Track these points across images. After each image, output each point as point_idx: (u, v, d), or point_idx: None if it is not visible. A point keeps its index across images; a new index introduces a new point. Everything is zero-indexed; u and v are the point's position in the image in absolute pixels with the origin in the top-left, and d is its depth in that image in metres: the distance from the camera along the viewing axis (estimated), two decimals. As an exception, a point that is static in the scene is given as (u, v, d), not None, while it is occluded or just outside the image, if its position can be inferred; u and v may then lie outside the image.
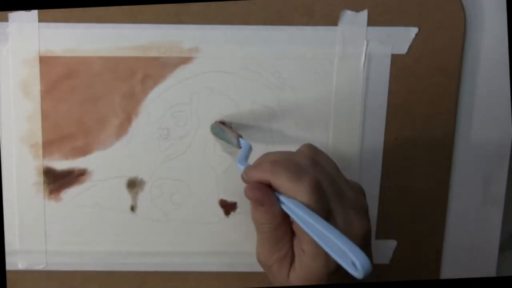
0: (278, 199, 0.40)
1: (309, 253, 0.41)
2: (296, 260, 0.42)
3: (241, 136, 0.46)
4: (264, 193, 0.41)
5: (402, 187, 0.51)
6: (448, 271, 0.53)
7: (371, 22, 0.48)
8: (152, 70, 0.48)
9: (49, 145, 0.49)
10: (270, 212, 0.41)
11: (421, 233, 0.52)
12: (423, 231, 0.52)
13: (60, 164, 0.49)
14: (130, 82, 0.48)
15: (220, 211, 0.51)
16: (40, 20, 0.47)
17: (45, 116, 0.49)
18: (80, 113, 0.49)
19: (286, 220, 0.41)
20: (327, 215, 0.40)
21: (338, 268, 0.39)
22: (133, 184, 0.50)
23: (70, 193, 0.50)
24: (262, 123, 0.49)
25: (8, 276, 0.50)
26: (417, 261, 0.52)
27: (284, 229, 0.42)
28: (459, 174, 0.51)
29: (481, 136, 0.51)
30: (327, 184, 0.41)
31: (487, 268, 0.53)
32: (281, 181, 0.41)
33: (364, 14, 0.48)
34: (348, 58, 0.49)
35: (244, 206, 0.51)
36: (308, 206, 0.39)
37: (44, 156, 0.49)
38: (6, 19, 0.47)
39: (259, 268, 0.51)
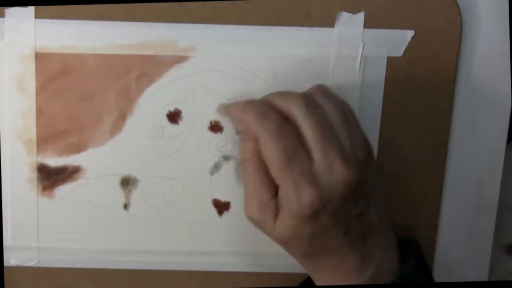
0: None
1: (283, 197, 0.41)
2: (280, 208, 0.42)
3: None
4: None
5: (396, 189, 0.51)
6: (440, 275, 0.53)
7: (367, 24, 0.48)
8: (147, 68, 0.48)
9: (43, 141, 0.49)
10: (251, 146, 0.42)
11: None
12: (416, 234, 0.52)
13: (54, 161, 0.49)
14: (125, 80, 0.48)
15: (213, 210, 0.51)
16: (36, 17, 0.47)
17: (39, 113, 0.49)
18: (75, 110, 0.49)
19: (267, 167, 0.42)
20: (299, 155, 0.41)
21: (316, 211, 0.40)
22: (127, 182, 0.50)
23: (63, 190, 0.50)
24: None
25: None
26: (409, 264, 0.52)
27: (266, 174, 0.42)
28: (452, 178, 0.51)
29: (476, 141, 0.51)
30: (312, 126, 0.41)
31: (480, 272, 0.53)
32: (247, 121, 0.42)
33: (360, 16, 0.48)
34: (344, 60, 0.49)
35: (238, 206, 0.50)
36: (269, 146, 0.41)
37: (38, 152, 0.49)
38: (2, 15, 0.47)
39: (251, 268, 0.52)
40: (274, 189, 0.43)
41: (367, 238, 0.44)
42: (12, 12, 0.47)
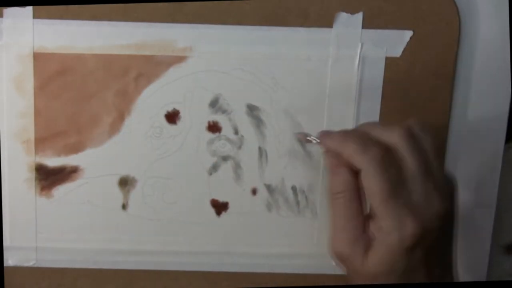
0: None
1: (384, 229, 0.41)
2: (372, 242, 0.42)
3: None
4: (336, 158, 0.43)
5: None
6: (438, 275, 0.53)
7: (365, 24, 0.48)
8: (145, 68, 0.48)
9: (41, 141, 0.49)
10: (343, 178, 0.42)
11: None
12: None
13: (52, 161, 0.49)
14: (124, 80, 0.48)
15: (212, 211, 0.51)
16: (34, 17, 0.47)
17: (38, 113, 0.49)
18: (73, 110, 0.49)
19: (359, 198, 0.42)
20: (401, 186, 0.41)
21: (415, 244, 0.40)
22: (125, 182, 0.50)
23: (61, 190, 0.50)
24: (255, 123, 0.49)
25: (-2, 272, 0.51)
26: (407, 264, 0.52)
27: (358, 206, 0.42)
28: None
29: (474, 141, 0.51)
30: (415, 159, 0.41)
31: (478, 272, 0.53)
32: (348, 152, 0.42)
33: (359, 17, 0.48)
34: (342, 60, 0.49)
35: (236, 207, 0.51)
36: (373, 177, 0.40)
37: (36, 152, 0.49)
38: (0, 15, 0.47)
39: (249, 269, 0.52)
40: (364, 223, 0.42)
41: (445, 276, 0.44)
42: (10, 12, 0.47)
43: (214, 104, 0.49)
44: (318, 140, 0.44)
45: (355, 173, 0.42)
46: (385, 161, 0.41)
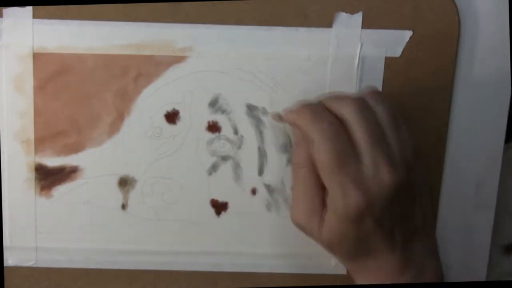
0: None
1: (332, 199, 0.42)
2: (326, 213, 0.43)
3: None
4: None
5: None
6: (438, 275, 0.53)
7: (365, 24, 0.48)
8: (145, 68, 0.48)
9: (41, 141, 0.49)
10: (305, 151, 0.43)
11: (411, 237, 0.52)
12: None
13: (52, 161, 0.49)
14: (123, 80, 0.48)
15: (211, 211, 0.51)
16: (34, 17, 0.47)
17: (37, 113, 0.49)
18: (73, 110, 0.49)
19: (318, 173, 0.43)
20: (349, 158, 0.41)
21: (362, 214, 0.41)
22: (125, 182, 0.50)
23: (61, 190, 0.50)
24: (254, 123, 0.49)
25: (-3, 272, 0.51)
26: (407, 264, 0.52)
27: (317, 180, 0.43)
28: (450, 178, 0.51)
29: (474, 141, 0.51)
30: (364, 130, 0.42)
31: (477, 272, 0.53)
32: (302, 123, 0.43)
33: (358, 17, 0.48)
34: (342, 60, 0.49)
35: (236, 207, 0.50)
36: (322, 149, 0.41)
37: (36, 152, 0.49)
38: (0, 15, 0.47)
39: (249, 269, 0.52)
40: (323, 195, 0.43)
41: (411, 240, 0.44)
42: (10, 12, 0.47)
43: (214, 104, 0.49)
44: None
45: None
46: (335, 133, 0.42)
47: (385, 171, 0.41)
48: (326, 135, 0.42)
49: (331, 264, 0.52)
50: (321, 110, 0.43)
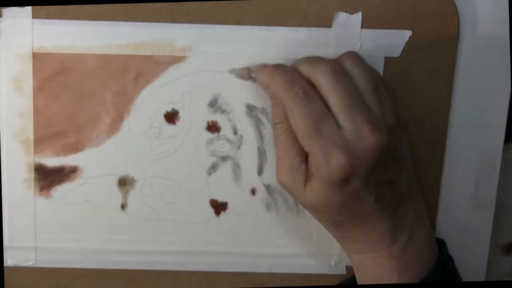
0: None
1: (314, 164, 0.42)
2: (309, 175, 0.43)
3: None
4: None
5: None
6: (437, 275, 0.53)
7: (364, 24, 0.48)
8: (145, 68, 0.48)
9: (40, 141, 0.49)
10: (282, 109, 0.43)
11: (411, 236, 0.52)
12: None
13: (51, 161, 0.49)
14: (123, 80, 0.48)
15: (211, 211, 0.51)
16: (33, 17, 0.47)
17: (37, 113, 0.49)
18: (72, 110, 0.49)
19: None
20: (327, 122, 0.41)
21: (346, 177, 0.40)
22: (124, 182, 0.50)
23: (60, 190, 0.50)
24: (254, 123, 0.49)
25: (-3, 272, 0.51)
26: (407, 264, 0.52)
27: (296, 138, 0.43)
28: (450, 178, 0.51)
29: (473, 141, 0.51)
30: (338, 93, 0.41)
31: (477, 272, 0.53)
32: (274, 88, 0.43)
33: (358, 17, 0.48)
34: (341, 60, 0.49)
35: (235, 207, 0.50)
36: (296, 114, 0.41)
37: (35, 152, 0.49)
38: (-1, 15, 0.47)
39: (248, 269, 0.52)
40: (305, 155, 0.43)
41: (398, 205, 0.44)
42: (9, 12, 0.47)
43: (213, 104, 0.49)
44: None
45: None
46: (308, 96, 0.41)
47: (367, 133, 0.41)
48: (299, 100, 0.41)
49: (330, 264, 0.52)
50: (293, 74, 0.43)
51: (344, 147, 0.40)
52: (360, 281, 0.46)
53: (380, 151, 0.41)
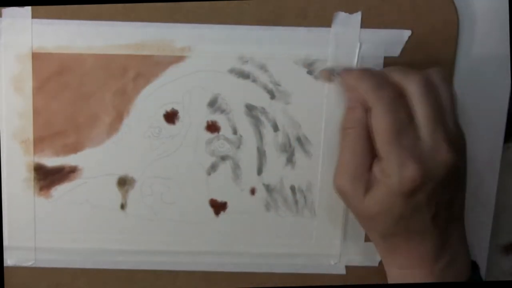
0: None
1: (386, 170, 0.41)
2: (374, 182, 0.42)
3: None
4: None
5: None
6: (437, 275, 0.53)
7: (364, 24, 0.48)
8: (144, 68, 0.48)
9: (40, 141, 0.49)
10: (356, 114, 0.43)
11: (410, 236, 0.52)
12: (412, 234, 0.52)
13: (51, 161, 0.49)
14: (122, 80, 0.48)
15: (210, 210, 0.51)
16: (33, 17, 0.47)
17: (36, 113, 0.49)
18: (72, 110, 0.49)
19: (369, 137, 0.43)
20: (408, 130, 0.41)
21: (415, 189, 0.40)
22: (124, 182, 0.50)
23: (60, 190, 0.50)
24: (253, 123, 0.49)
25: (-4, 272, 0.51)
26: (406, 264, 0.52)
27: (366, 144, 0.43)
28: (449, 178, 0.51)
29: (473, 141, 0.51)
30: (426, 106, 0.41)
31: (476, 272, 0.53)
32: (362, 88, 0.43)
33: (357, 16, 0.48)
34: (341, 60, 0.49)
35: (234, 207, 0.50)
36: (381, 116, 0.41)
37: (35, 152, 0.49)
38: (-1, 15, 0.47)
39: (248, 269, 0.52)
40: (370, 162, 0.43)
41: (448, 226, 0.44)
42: (9, 12, 0.47)
43: (213, 104, 0.49)
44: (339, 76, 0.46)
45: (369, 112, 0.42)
46: (396, 103, 0.41)
47: (444, 149, 0.41)
48: (387, 103, 0.41)
49: (330, 264, 0.52)
50: (383, 78, 0.43)
51: (420, 159, 0.41)
52: None
53: (451, 171, 0.42)
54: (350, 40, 0.48)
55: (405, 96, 0.42)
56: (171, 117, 0.49)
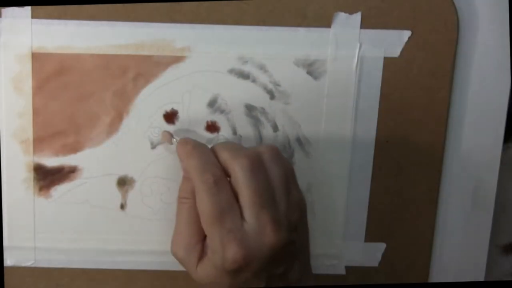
0: None
1: (210, 248, 0.42)
2: (204, 255, 0.43)
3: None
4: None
5: (392, 190, 0.51)
6: (436, 275, 0.53)
7: (364, 24, 0.48)
8: (144, 68, 0.48)
9: (39, 141, 0.49)
10: (191, 186, 0.43)
11: (410, 236, 0.52)
12: (412, 234, 0.52)
13: (51, 161, 0.49)
14: (122, 80, 0.48)
15: (210, 210, 0.51)
16: (33, 17, 0.47)
17: (36, 113, 0.48)
18: (72, 110, 0.49)
19: None
20: (231, 213, 0.41)
21: (238, 268, 0.41)
22: (123, 182, 0.50)
23: (60, 190, 0.50)
24: (253, 123, 0.49)
25: (-4, 272, 0.51)
26: (406, 264, 0.52)
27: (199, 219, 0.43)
28: (449, 178, 0.51)
29: (472, 141, 0.51)
30: (251, 190, 0.41)
31: (476, 272, 0.53)
32: (189, 167, 0.43)
33: (357, 17, 0.48)
34: (341, 60, 0.49)
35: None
36: (202, 199, 0.42)
37: (34, 152, 0.49)
38: (-1, 15, 0.47)
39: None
40: (203, 235, 0.43)
41: None
42: (9, 12, 0.47)
43: (213, 104, 0.49)
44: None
45: None
46: (218, 185, 0.42)
47: (269, 232, 0.41)
48: (209, 187, 0.41)
49: (330, 264, 0.52)
50: (209, 158, 0.43)
51: (243, 241, 0.41)
52: None
53: (278, 249, 0.41)
54: (349, 41, 0.48)
55: (225, 178, 0.42)
56: (170, 117, 0.49)
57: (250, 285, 0.42)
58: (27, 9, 0.47)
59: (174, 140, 0.47)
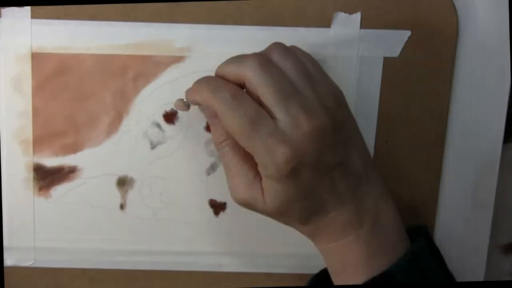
0: None
1: (260, 164, 0.41)
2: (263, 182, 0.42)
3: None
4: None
5: (392, 190, 0.51)
6: (436, 275, 0.53)
7: (363, 24, 0.48)
8: (144, 68, 0.48)
9: (39, 141, 0.49)
10: (223, 126, 0.42)
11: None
12: (412, 234, 0.52)
13: (50, 161, 0.49)
14: (122, 80, 0.48)
15: (210, 211, 0.51)
16: (32, 17, 0.47)
17: (36, 113, 0.49)
18: (71, 110, 0.49)
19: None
20: (261, 118, 0.40)
21: (294, 168, 0.39)
22: (123, 183, 0.50)
23: (59, 190, 0.50)
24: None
25: (-4, 272, 0.51)
26: (406, 264, 0.52)
27: (245, 152, 0.42)
28: (449, 178, 0.51)
29: (473, 141, 0.51)
30: (268, 86, 0.40)
31: (476, 272, 0.53)
32: (202, 99, 0.42)
33: (357, 17, 0.48)
34: (340, 60, 0.49)
35: (234, 207, 0.50)
36: (228, 118, 0.40)
37: (34, 152, 0.49)
38: (-2, 15, 0.47)
39: (247, 269, 0.52)
40: (256, 166, 0.42)
41: (356, 188, 0.43)
42: (8, 12, 0.47)
43: (212, 104, 0.49)
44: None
45: None
46: (237, 97, 0.40)
47: (303, 120, 0.40)
48: (228, 102, 0.40)
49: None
50: (217, 81, 0.42)
51: (285, 139, 0.40)
52: (330, 270, 0.45)
53: (321, 135, 0.40)
54: (349, 41, 0.48)
55: (247, 85, 0.41)
56: (170, 117, 0.49)
57: (316, 186, 0.41)
58: (27, 9, 0.47)
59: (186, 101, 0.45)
